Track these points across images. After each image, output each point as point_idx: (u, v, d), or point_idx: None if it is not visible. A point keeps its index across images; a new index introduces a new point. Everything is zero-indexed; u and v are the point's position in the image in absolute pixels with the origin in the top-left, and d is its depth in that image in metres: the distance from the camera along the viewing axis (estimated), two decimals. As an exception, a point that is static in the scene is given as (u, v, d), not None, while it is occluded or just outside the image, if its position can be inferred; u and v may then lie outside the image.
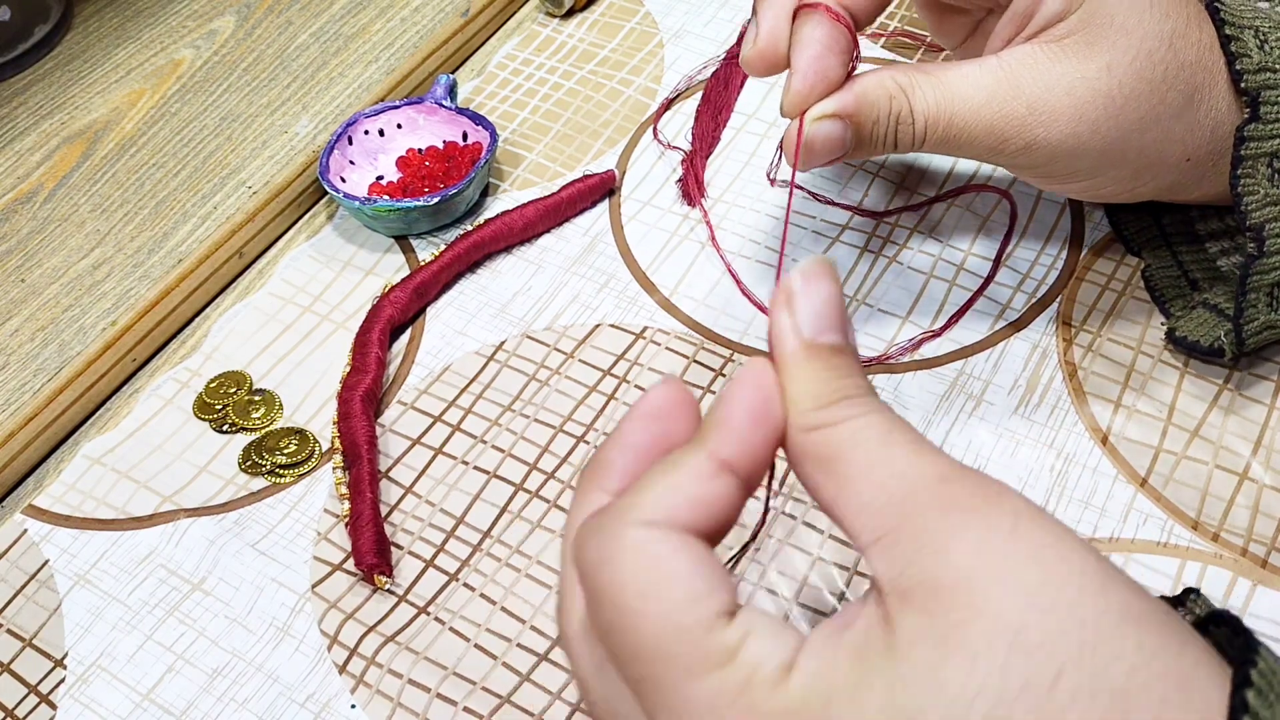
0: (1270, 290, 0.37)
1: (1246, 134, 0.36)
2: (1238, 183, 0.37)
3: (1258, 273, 0.37)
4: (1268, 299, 0.37)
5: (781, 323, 0.27)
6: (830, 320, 0.27)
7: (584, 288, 0.47)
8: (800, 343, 0.26)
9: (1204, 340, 0.40)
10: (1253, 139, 0.36)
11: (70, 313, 0.47)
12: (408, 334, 0.46)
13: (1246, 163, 0.36)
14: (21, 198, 0.51)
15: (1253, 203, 0.37)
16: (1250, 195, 0.36)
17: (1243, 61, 0.36)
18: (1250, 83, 0.36)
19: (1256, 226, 0.37)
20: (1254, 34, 0.36)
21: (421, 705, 0.36)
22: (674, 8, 0.58)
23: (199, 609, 0.39)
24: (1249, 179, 0.36)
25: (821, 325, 0.27)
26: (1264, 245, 0.37)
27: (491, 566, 0.39)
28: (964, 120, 0.36)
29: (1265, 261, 0.37)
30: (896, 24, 0.55)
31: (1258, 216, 0.37)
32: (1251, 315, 0.38)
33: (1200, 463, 0.39)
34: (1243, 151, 0.36)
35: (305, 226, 0.51)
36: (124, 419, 0.45)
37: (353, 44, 0.56)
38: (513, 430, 0.43)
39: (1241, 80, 0.36)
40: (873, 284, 0.45)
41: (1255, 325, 0.38)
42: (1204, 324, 0.40)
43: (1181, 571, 0.37)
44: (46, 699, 0.38)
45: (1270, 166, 0.36)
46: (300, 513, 0.41)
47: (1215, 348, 0.39)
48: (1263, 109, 0.36)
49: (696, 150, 0.51)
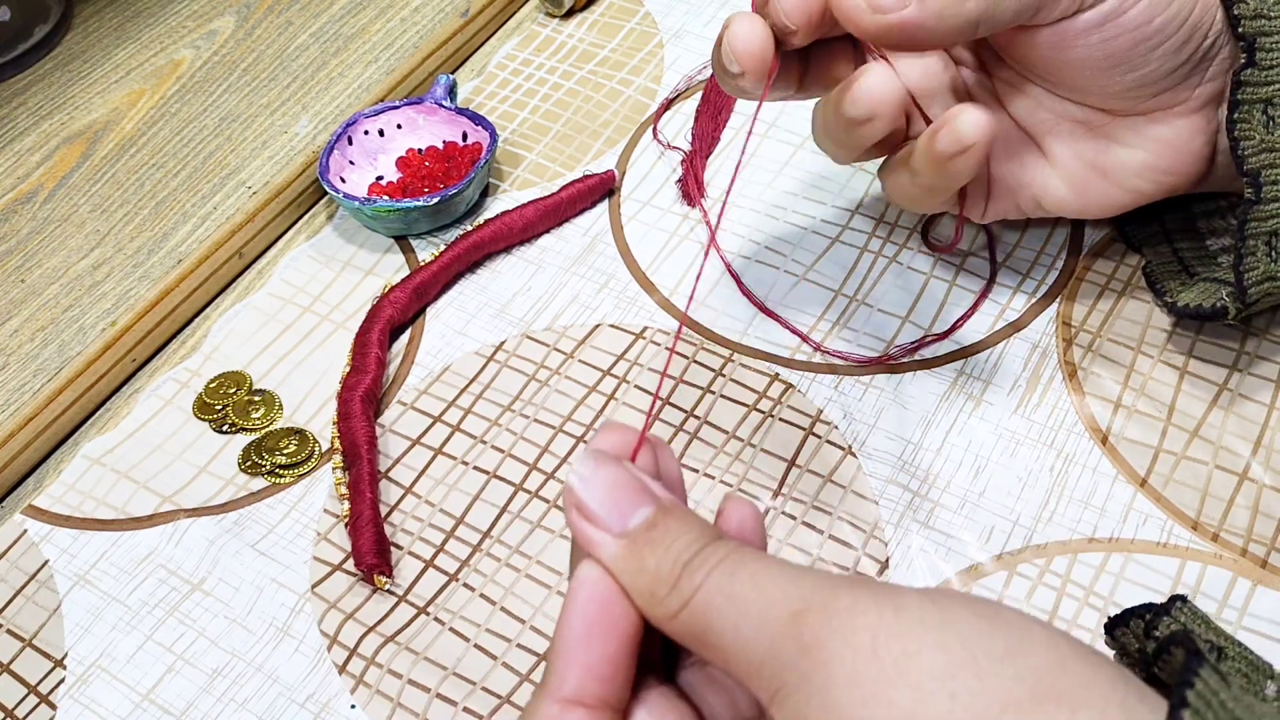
0: (1269, 239, 0.37)
1: (1243, 79, 0.36)
2: (1234, 127, 0.37)
3: (1255, 219, 0.37)
4: (1266, 247, 0.37)
5: (586, 532, 0.26)
6: (631, 498, 0.26)
7: (584, 288, 0.47)
8: (616, 543, 0.26)
9: (1206, 302, 0.39)
10: (1249, 84, 0.36)
11: (70, 313, 0.47)
12: (408, 334, 0.46)
13: (1243, 107, 0.36)
14: (21, 198, 0.51)
15: (1249, 148, 0.37)
16: (1247, 140, 0.37)
17: (1239, 7, 0.36)
18: (1247, 28, 0.36)
19: (1253, 172, 0.37)
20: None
21: (421, 705, 0.36)
22: (674, 8, 0.58)
23: (199, 609, 0.39)
24: (1245, 124, 0.37)
25: (625, 510, 0.26)
26: (1260, 191, 0.37)
27: (491, 567, 0.39)
28: None
29: (1262, 208, 0.37)
30: None
31: (1254, 162, 0.37)
32: (1251, 264, 0.37)
33: (1200, 463, 0.39)
34: (1239, 96, 0.36)
35: (305, 227, 0.51)
36: (124, 419, 0.45)
37: (353, 44, 0.56)
38: (512, 430, 0.43)
39: (1239, 26, 0.36)
40: (873, 284, 0.45)
41: (1255, 275, 0.37)
42: (1204, 291, 0.40)
43: (1181, 572, 0.37)
44: (46, 699, 0.38)
45: (1265, 113, 0.36)
46: (300, 513, 0.41)
47: (1218, 307, 0.39)
48: (1259, 55, 0.36)
49: (696, 150, 0.51)
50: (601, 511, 0.26)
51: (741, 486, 0.40)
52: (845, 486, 0.40)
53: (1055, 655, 0.23)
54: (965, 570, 0.38)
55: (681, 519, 0.26)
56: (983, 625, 0.23)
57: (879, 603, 0.23)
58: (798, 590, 0.24)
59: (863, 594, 0.24)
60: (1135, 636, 0.29)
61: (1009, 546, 0.38)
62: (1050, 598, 0.37)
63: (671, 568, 0.25)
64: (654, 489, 0.27)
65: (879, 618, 0.23)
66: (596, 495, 0.26)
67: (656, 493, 0.27)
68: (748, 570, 0.25)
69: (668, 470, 0.30)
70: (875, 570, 0.38)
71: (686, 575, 0.25)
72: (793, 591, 0.24)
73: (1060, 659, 0.22)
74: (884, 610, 0.23)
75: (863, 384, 0.43)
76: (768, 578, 0.25)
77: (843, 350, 0.43)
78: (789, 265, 0.46)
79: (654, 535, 0.26)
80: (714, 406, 0.42)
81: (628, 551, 0.26)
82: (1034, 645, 0.23)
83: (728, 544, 0.26)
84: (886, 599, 0.24)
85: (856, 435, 0.41)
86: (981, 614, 0.23)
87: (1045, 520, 0.39)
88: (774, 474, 0.40)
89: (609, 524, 0.26)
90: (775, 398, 0.42)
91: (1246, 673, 0.28)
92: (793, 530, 0.39)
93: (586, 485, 0.26)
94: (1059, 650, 0.23)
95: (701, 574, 0.25)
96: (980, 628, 0.23)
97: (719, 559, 0.25)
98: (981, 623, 0.23)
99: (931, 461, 0.40)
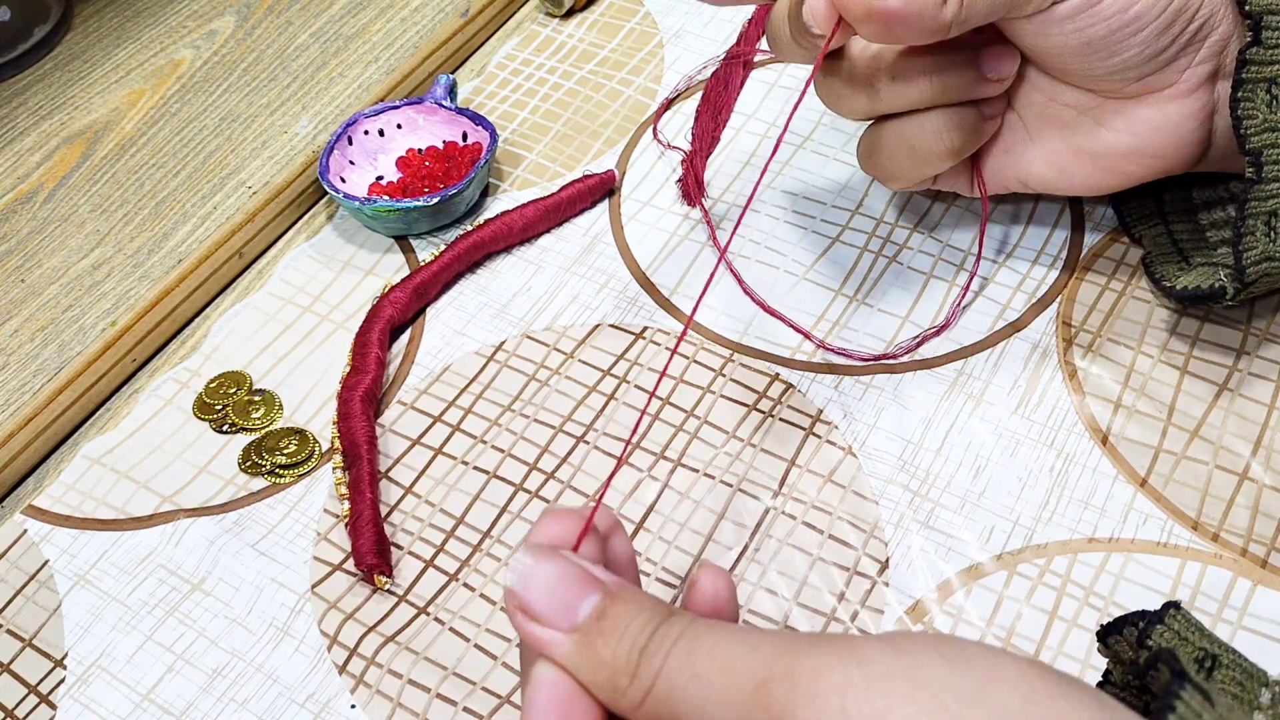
0: (1268, 219, 0.37)
1: (1248, 57, 0.36)
2: (1238, 105, 0.36)
3: (1255, 198, 0.37)
4: (1265, 228, 0.37)
5: (534, 634, 0.25)
6: (575, 589, 0.25)
7: (584, 288, 0.47)
8: (568, 639, 0.25)
9: (1204, 284, 0.39)
10: (1254, 63, 0.36)
11: (70, 313, 0.47)
12: (408, 334, 0.46)
13: (1246, 86, 0.36)
14: (21, 198, 0.51)
15: (1252, 127, 0.36)
16: (1249, 119, 0.36)
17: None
18: (1254, 6, 0.36)
19: (1255, 151, 0.36)
20: None
21: (421, 705, 0.36)
22: (674, 8, 0.58)
23: (199, 609, 0.39)
24: (1249, 103, 0.36)
25: (571, 603, 0.25)
26: (1261, 171, 0.36)
27: (491, 566, 0.39)
28: None
29: (1263, 188, 0.37)
30: None
31: (1256, 142, 0.37)
32: (1250, 244, 0.37)
33: (1200, 463, 0.39)
34: (1244, 75, 0.36)
35: (305, 227, 0.51)
36: (124, 419, 0.45)
37: (353, 44, 0.56)
38: (512, 430, 0.43)
39: (1245, 3, 0.36)
40: (873, 284, 0.45)
41: (1254, 255, 0.37)
42: (1202, 274, 0.40)
43: (1181, 572, 0.37)
44: (46, 699, 0.38)
45: (1269, 93, 0.36)
46: (300, 513, 0.41)
47: (1216, 288, 0.39)
48: (1265, 34, 0.36)
49: (696, 150, 0.51)
50: (548, 610, 0.25)
51: (741, 486, 0.40)
52: (845, 486, 0.40)
53: (1026, 690, 0.22)
54: (965, 570, 0.38)
55: (630, 601, 0.26)
56: (948, 668, 0.23)
57: (842, 660, 0.23)
58: (758, 659, 0.24)
59: (824, 653, 0.23)
60: (1128, 644, 0.29)
61: (1009, 546, 0.38)
62: (1050, 598, 0.37)
63: (629, 655, 0.25)
64: (598, 574, 0.26)
65: (845, 676, 0.23)
66: (540, 594, 0.25)
67: (601, 578, 0.26)
68: (705, 646, 0.24)
69: (617, 551, 0.29)
70: (875, 570, 0.38)
71: (645, 662, 0.24)
72: (753, 661, 0.24)
73: (1031, 693, 0.22)
74: (848, 667, 0.23)
75: (863, 384, 0.43)
76: (726, 651, 0.24)
77: (843, 350, 0.43)
78: (789, 265, 0.46)
79: (605, 625, 0.25)
80: (714, 406, 0.42)
81: (581, 647, 0.25)
82: (1002, 683, 0.22)
83: (681, 619, 0.25)
84: (849, 654, 0.23)
85: (856, 435, 0.41)
86: (946, 655, 0.23)
87: (1045, 520, 0.39)
88: (774, 474, 0.40)
89: (557, 622, 0.25)
90: (775, 398, 0.42)
91: (1241, 681, 0.28)
92: (793, 530, 0.39)
93: (527, 584, 0.25)
94: (1029, 684, 0.22)
95: (659, 658, 0.24)
96: (946, 671, 0.23)
97: (675, 638, 0.25)
98: (946, 666, 0.23)
99: (931, 461, 0.40)
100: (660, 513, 0.40)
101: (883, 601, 0.37)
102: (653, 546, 0.39)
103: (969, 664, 0.23)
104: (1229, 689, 0.27)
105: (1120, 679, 0.30)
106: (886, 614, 0.37)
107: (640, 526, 0.40)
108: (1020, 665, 0.23)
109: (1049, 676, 0.23)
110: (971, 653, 0.23)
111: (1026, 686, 0.22)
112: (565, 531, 0.27)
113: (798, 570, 0.38)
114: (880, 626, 0.37)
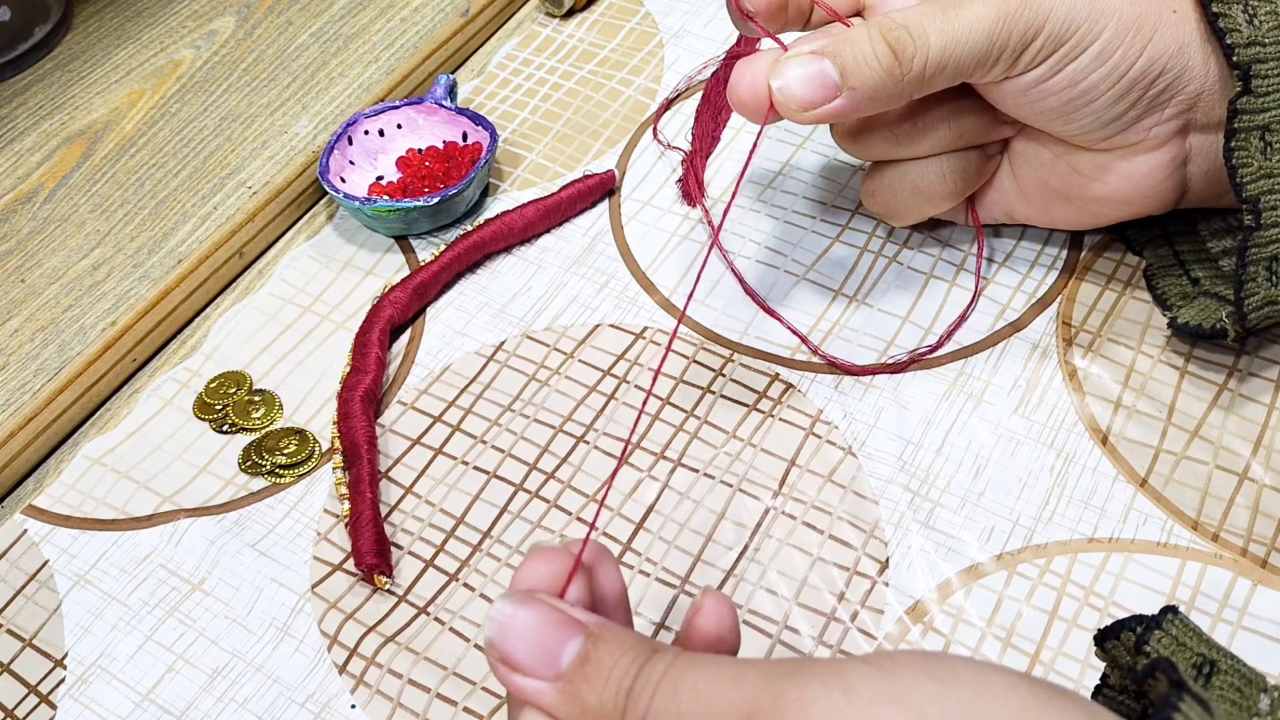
0: (1269, 263, 0.37)
1: (1239, 107, 0.36)
2: (1231, 155, 0.37)
3: (1256, 245, 0.37)
4: (1267, 272, 0.37)
5: (518, 685, 0.25)
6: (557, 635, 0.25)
7: (584, 288, 0.47)
8: (552, 688, 0.25)
9: (1206, 323, 0.40)
10: (1245, 112, 0.36)
11: (70, 313, 0.47)
12: (408, 334, 0.46)
13: (1240, 135, 0.37)
14: (21, 198, 0.51)
15: (1247, 175, 0.37)
16: (1244, 167, 0.37)
17: (1233, 36, 0.36)
18: (1241, 56, 0.36)
19: (1252, 199, 0.37)
20: (1242, 8, 0.36)
21: (421, 705, 0.36)
22: (674, 8, 0.58)
23: (199, 609, 0.39)
24: (1242, 151, 0.37)
25: (553, 650, 0.25)
26: (1260, 218, 0.37)
27: (491, 566, 0.39)
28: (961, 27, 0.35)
29: (1263, 234, 0.37)
30: None
31: (1253, 189, 0.37)
32: (1251, 289, 0.37)
33: (1200, 463, 0.39)
34: (1236, 124, 0.37)
35: (305, 227, 0.51)
36: (124, 419, 0.45)
37: (353, 44, 0.56)
38: (513, 430, 0.43)
39: (1233, 55, 0.36)
40: (873, 284, 0.45)
41: (1256, 300, 0.38)
42: (1205, 309, 0.40)
43: (1181, 572, 0.37)
44: (46, 699, 0.38)
45: (1263, 139, 0.36)
46: (300, 513, 0.41)
47: (1218, 329, 0.39)
48: (1254, 82, 0.36)
49: (696, 150, 0.51)
50: (530, 660, 0.25)
51: (741, 486, 0.40)
52: (845, 486, 0.40)
53: (1016, 705, 0.22)
54: (965, 570, 0.38)
55: (613, 642, 0.25)
56: (936, 688, 0.23)
57: (827, 687, 0.23)
58: (742, 693, 0.24)
59: (809, 681, 0.23)
60: (1126, 650, 0.29)
61: (1009, 546, 0.38)
62: (1050, 598, 0.37)
63: (615, 700, 0.25)
64: (579, 617, 0.26)
65: (830, 704, 0.23)
66: (521, 644, 0.25)
67: (582, 619, 0.26)
68: (689, 684, 0.24)
69: (607, 584, 0.29)
70: (875, 570, 0.38)
71: (631, 705, 0.24)
72: (738, 696, 0.24)
73: (1022, 708, 0.22)
74: (833, 694, 0.23)
75: (863, 384, 0.43)
76: (710, 687, 0.24)
77: (842, 353, 0.43)
78: (789, 265, 0.46)
79: (589, 670, 0.25)
80: (714, 406, 0.42)
81: (566, 695, 0.25)
82: (992, 699, 0.22)
83: (664, 657, 0.25)
84: (834, 681, 0.23)
85: (856, 435, 0.41)
86: (933, 674, 0.23)
87: (1045, 520, 0.39)
88: (774, 474, 0.40)
89: (540, 671, 0.25)
90: (775, 398, 0.42)
91: (1240, 687, 0.28)
92: (793, 530, 0.39)
93: (506, 634, 0.25)
94: (1019, 699, 0.22)
95: (645, 699, 0.24)
96: (934, 692, 0.23)
97: (659, 678, 0.25)
98: (934, 686, 0.23)
99: (931, 461, 0.40)
100: (660, 513, 0.40)
101: (883, 601, 0.37)
102: (653, 546, 0.39)
103: (958, 681, 0.23)
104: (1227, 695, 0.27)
105: (1118, 682, 0.30)
106: (886, 614, 0.37)
107: (640, 526, 0.40)
108: (1010, 679, 0.23)
109: (1039, 691, 0.23)
110: (959, 669, 0.23)
111: (1017, 702, 0.22)
112: (551, 572, 0.27)
113: (798, 570, 0.38)
114: (880, 627, 0.37)
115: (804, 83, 0.35)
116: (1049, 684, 0.23)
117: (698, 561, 0.39)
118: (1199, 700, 0.22)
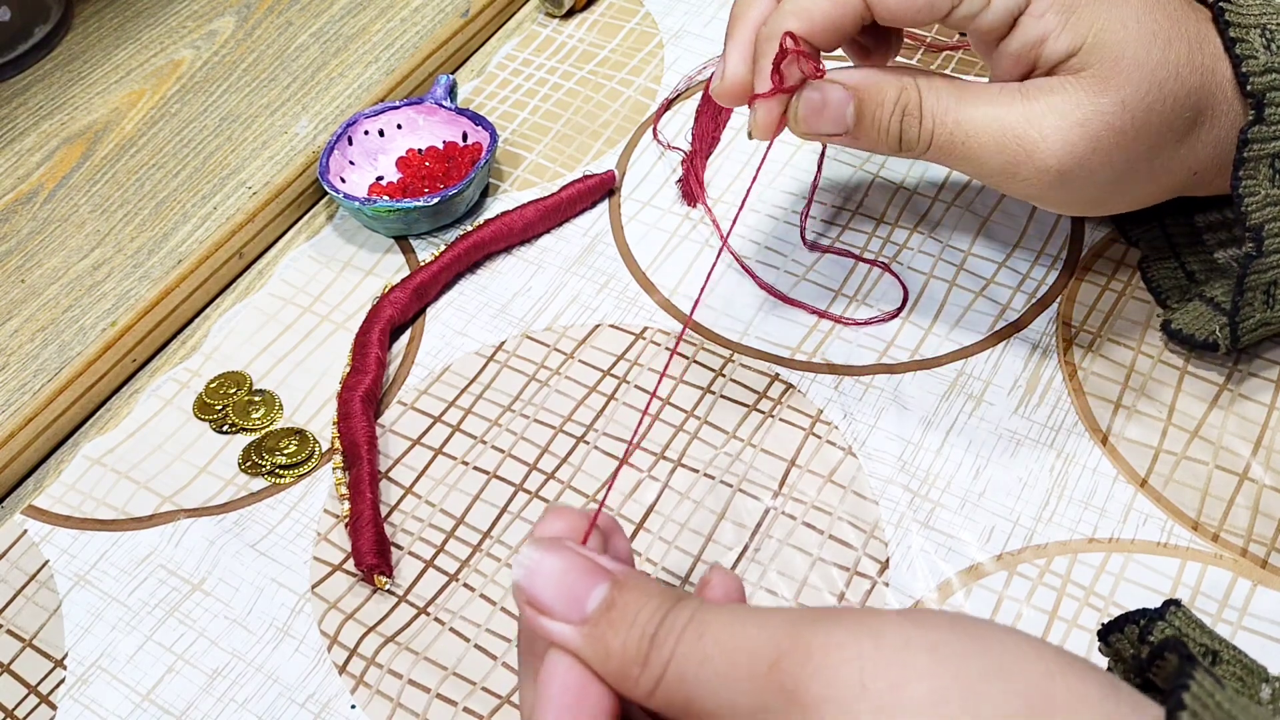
0: (1266, 289, 0.38)
1: (1250, 136, 0.36)
2: (1239, 184, 0.37)
3: (1255, 272, 0.37)
4: (1264, 297, 0.38)
5: (545, 627, 0.25)
6: (583, 580, 0.25)
7: (584, 288, 0.47)
8: (577, 631, 0.25)
9: (1199, 334, 0.40)
10: (1256, 140, 0.36)
11: (70, 313, 0.47)
12: (408, 334, 0.46)
13: (1249, 164, 0.37)
14: (21, 198, 0.51)
15: (1253, 204, 0.37)
16: (1251, 196, 0.37)
17: (1248, 64, 0.36)
18: (1256, 84, 0.36)
19: (1256, 227, 0.37)
20: (1260, 32, 0.36)
21: (421, 705, 0.36)
22: (674, 8, 0.58)
23: (199, 609, 0.39)
24: (1250, 180, 0.37)
25: (580, 595, 0.25)
26: (1262, 245, 0.37)
27: (491, 567, 0.39)
28: (973, 130, 0.36)
29: (1263, 261, 0.37)
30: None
31: (1258, 217, 0.37)
32: (1247, 313, 0.38)
33: (1200, 463, 0.39)
34: (1245, 154, 0.36)
35: (305, 227, 0.51)
36: (124, 419, 0.45)
37: (353, 44, 0.56)
38: (513, 431, 0.43)
39: (1247, 83, 0.36)
40: (873, 284, 0.45)
41: (1250, 323, 0.38)
42: (1200, 317, 0.40)
43: (1181, 572, 0.37)
44: (46, 699, 0.38)
45: (1272, 168, 0.36)
46: (300, 513, 0.41)
47: (1210, 341, 0.40)
48: (1267, 110, 0.36)
49: (696, 150, 0.51)
50: (556, 603, 0.25)
51: (742, 486, 0.40)
52: (845, 486, 0.40)
53: (1043, 668, 0.22)
54: (965, 570, 0.38)
55: (638, 589, 0.26)
56: (968, 644, 0.23)
57: (856, 634, 0.23)
58: (769, 637, 0.24)
59: (835, 628, 0.23)
60: (1130, 642, 0.29)
61: (1009, 546, 0.38)
62: (1050, 598, 0.37)
63: (639, 644, 0.25)
64: (605, 564, 0.26)
65: (858, 650, 0.23)
66: (548, 586, 0.25)
67: (608, 567, 0.26)
68: (714, 629, 0.24)
69: (618, 550, 0.29)
70: (875, 570, 0.38)
71: (655, 650, 0.24)
72: (764, 640, 0.24)
73: (1048, 671, 0.22)
74: (862, 641, 0.23)
75: (863, 384, 0.43)
76: (735, 632, 0.24)
77: (842, 353, 0.43)
78: (789, 265, 0.46)
79: (614, 615, 0.25)
80: (714, 406, 0.42)
81: (591, 639, 0.25)
82: (1021, 660, 0.22)
83: (690, 604, 0.25)
84: (863, 628, 0.23)
85: (856, 435, 0.41)
86: (965, 632, 0.23)
87: (1045, 520, 0.39)
88: (774, 474, 0.40)
89: (566, 614, 0.25)
90: (775, 398, 0.42)
91: (1241, 676, 0.28)
92: (793, 530, 0.39)
93: (534, 577, 0.25)
94: (1046, 663, 0.23)
95: (670, 644, 0.24)
96: (966, 646, 0.23)
97: (684, 623, 0.25)
98: (966, 641, 0.23)
99: (931, 461, 0.40)
100: (660, 513, 0.40)
101: (883, 602, 0.37)
102: (653, 546, 0.39)
103: (988, 640, 0.23)
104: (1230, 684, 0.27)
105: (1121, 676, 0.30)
106: (886, 614, 0.37)
107: (640, 526, 0.40)
108: (1037, 645, 0.23)
109: (1065, 657, 0.23)
110: (988, 631, 0.23)
111: (1044, 665, 0.22)
112: (569, 527, 0.27)
113: (798, 570, 0.38)
114: (880, 626, 0.37)
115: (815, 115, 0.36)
116: (1072, 653, 0.23)
117: (698, 561, 0.39)
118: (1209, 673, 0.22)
